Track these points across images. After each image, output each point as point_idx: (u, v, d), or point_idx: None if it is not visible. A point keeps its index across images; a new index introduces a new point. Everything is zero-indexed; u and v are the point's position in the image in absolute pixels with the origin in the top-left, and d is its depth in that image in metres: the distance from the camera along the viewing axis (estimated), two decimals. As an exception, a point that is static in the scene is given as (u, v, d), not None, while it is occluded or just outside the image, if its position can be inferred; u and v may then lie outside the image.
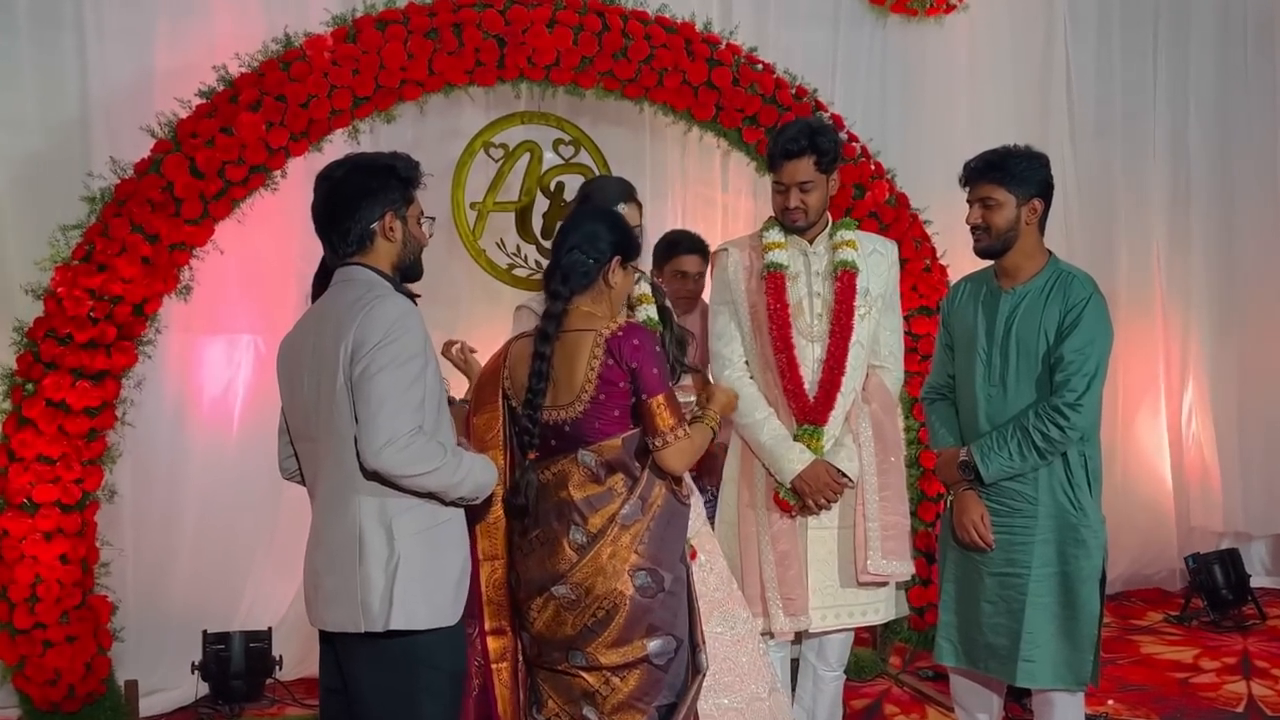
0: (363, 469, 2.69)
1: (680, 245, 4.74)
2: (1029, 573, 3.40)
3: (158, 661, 4.79)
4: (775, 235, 3.74)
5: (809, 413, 3.65)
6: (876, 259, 3.79)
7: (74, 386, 4.29)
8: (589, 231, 3.02)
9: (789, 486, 3.63)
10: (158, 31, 4.84)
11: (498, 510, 3.03)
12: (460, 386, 3.31)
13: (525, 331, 3.10)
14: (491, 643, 3.06)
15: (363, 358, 2.66)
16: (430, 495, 2.76)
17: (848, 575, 3.70)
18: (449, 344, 3.37)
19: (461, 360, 3.35)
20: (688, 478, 3.43)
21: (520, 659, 3.11)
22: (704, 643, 3.12)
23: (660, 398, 2.93)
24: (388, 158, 2.92)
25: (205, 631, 4.69)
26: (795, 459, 3.62)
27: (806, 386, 3.66)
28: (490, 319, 4.91)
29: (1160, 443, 6.58)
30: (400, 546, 2.72)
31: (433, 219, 3.03)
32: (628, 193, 3.66)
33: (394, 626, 2.71)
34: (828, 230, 3.77)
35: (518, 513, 3.01)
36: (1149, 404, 6.55)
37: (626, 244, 3.06)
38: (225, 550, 4.99)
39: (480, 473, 2.84)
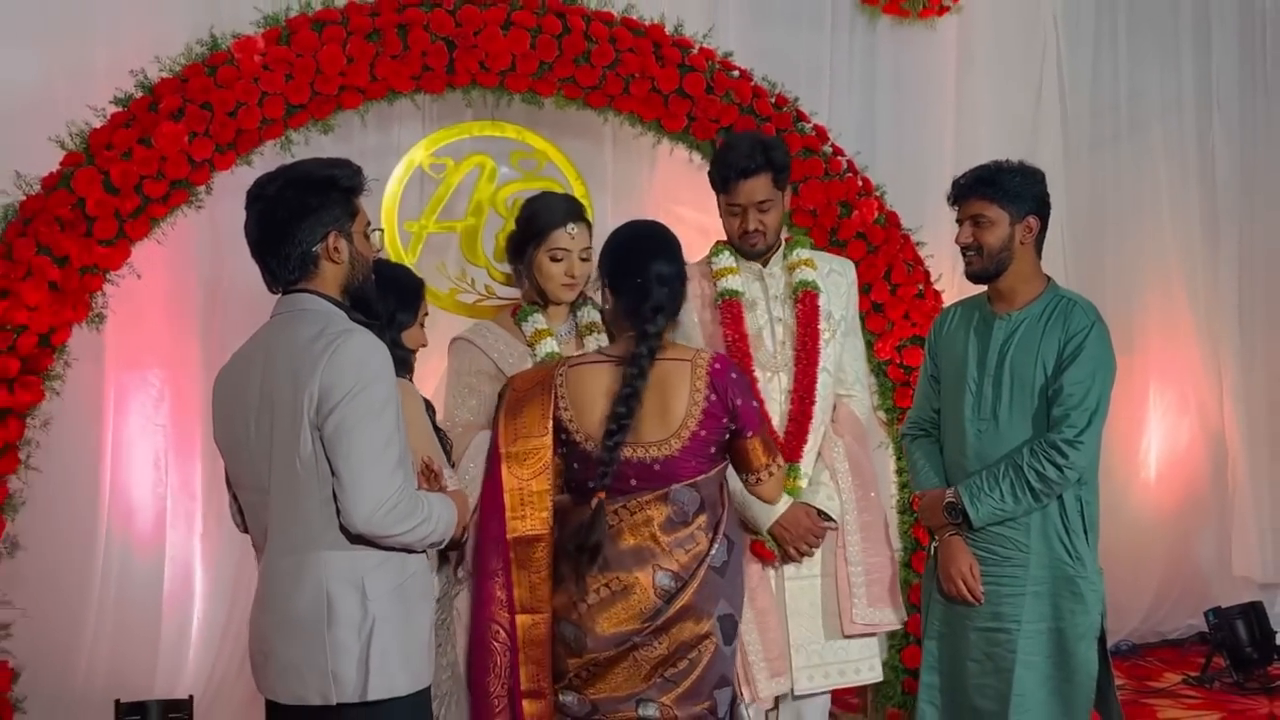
0: (343, 530, 2.58)
1: None
2: (1019, 628, 3.33)
3: None
4: (726, 260, 3.72)
5: (781, 450, 3.50)
6: (835, 279, 3.77)
7: None
8: (672, 261, 3.10)
9: (768, 533, 3.54)
10: (68, 32, 4.71)
11: (541, 555, 2.99)
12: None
13: (582, 356, 3.12)
14: (528, 706, 3.01)
15: (334, 409, 2.55)
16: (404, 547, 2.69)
17: (832, 628, 3.61)
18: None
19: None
20: None
21: None
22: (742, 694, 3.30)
23: (759, 435, 3.06)
24: (325, 167, 2.78)
25: (118, 701, 4.46)
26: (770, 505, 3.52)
27: (775, 421, 3.58)
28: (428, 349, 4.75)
29: (1176, 483, 6.49)
30: (374, 608, 2.61)
31: (380, 230, 2.99)
32: (576, 212, 3.58)
33: (372, 697, 2.60)
34: (782, 251, 3.74)
35: (590, 558, 2.95)
36: (1161, 440, 6.46)
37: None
38: (142, 610, 4.82)
39: (444, 511, 2.75)
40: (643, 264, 3.04)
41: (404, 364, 3.24)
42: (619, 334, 3.07)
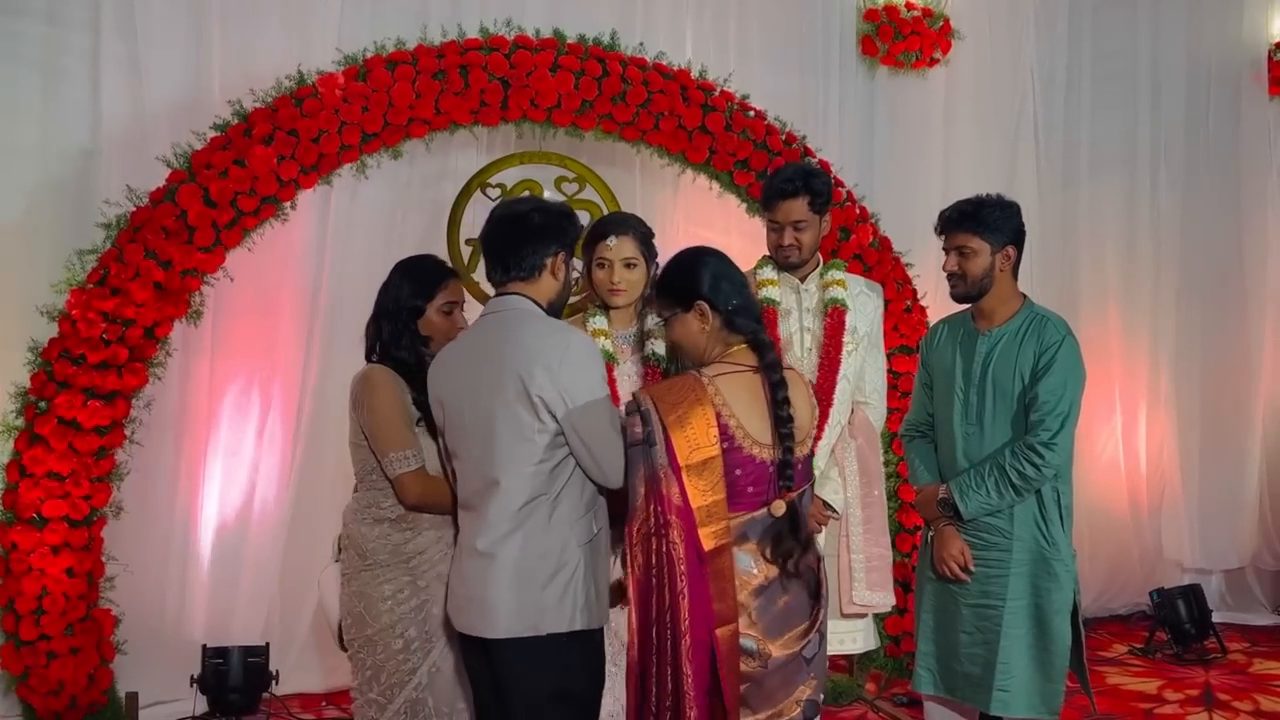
0: (546, 495, 2.85)
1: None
2: (1004, 604, 3.45)
3: (158, 674, 4.83)
4: (768, 273, 3.86)
5: None
6: (864, 299, 3.90)
7: (85, 405, 4.38)
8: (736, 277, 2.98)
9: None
10: (172, 64, 4.93)
11: (728, 565, 2.75)
12: None
13: (716, 368, 2.87)
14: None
15: (577, 406, 2.82)
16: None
17: (830, 605, 3.66)
18: None
19: None
20: None
21: None
22: None
23: None
24: (568, 208, 3.13)
25: (204, 646, 4.77)
26: None
27: None
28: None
29: (1121, 478, 6.76)
30: (576, 556, 2.86)
31: (578, 268, 3.13)
32: (617, 225, 3.59)
33: (575, 628, 2.85)
34: (818, 270, 3.89)
35: (803, 550, 2.82)
36: (1107, 439, 6.72)
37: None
38: (225, 567, 5.05)
39: None
40: (740, 280, 2.96)
41: (411, 351, 3.20)
42: (716, 346, 2.90)
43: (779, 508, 2.79)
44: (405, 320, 3.24)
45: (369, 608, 3.20)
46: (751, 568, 2.77)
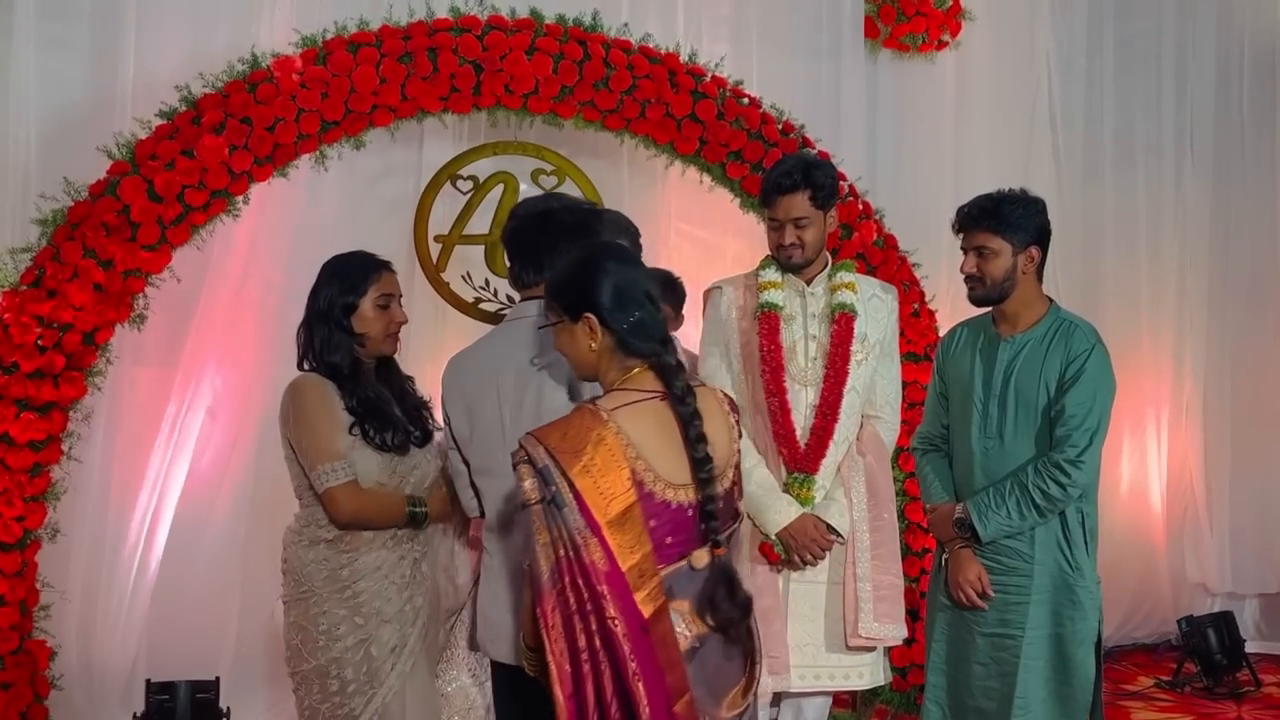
0: None
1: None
2: (1023, 634, 3.34)
3: (97, 712, 4.68)
4: (771, 274, 3.67)
5: (800, 460, 3.54)
6: (876, 304, 3.71)
7: (18, 418, 4.23)
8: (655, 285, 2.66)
9: (776, 537, 3.53)
10: (116, 48, 4.76)
11: (669, 628, 2.42)
12: None
13: (614, 398, 2.51)
14: None
15: None
16: None
17: (834, 636, 3.59)
18: None
19: None
20: None
21: None
22: None
23: None
24: (588, 205, 3.16)
25: (149, 681, 4.54)
26: (782, 511, 3.51)
27: (798, 433, 3.56)
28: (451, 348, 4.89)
29: (1149, 498, 6.58)
30: None
31: None
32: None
33: None
34: (826, 271, 3.70)
35: (730, 625, 2.51)
36: (1136, 456, 6.54)
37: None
38: (171, 595, 4.86)
39: None
40: (643, 292, 2.56)
41: (345, 353, 3.10)
42: (612, 369, 2.55)
43: (700, 558, 2.46)
44: (337, 320, 3.14)
45: (305, 640, 3.13)
46: (680, 627, 2.43)
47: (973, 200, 3.46)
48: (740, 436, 2.64)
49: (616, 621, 2.32)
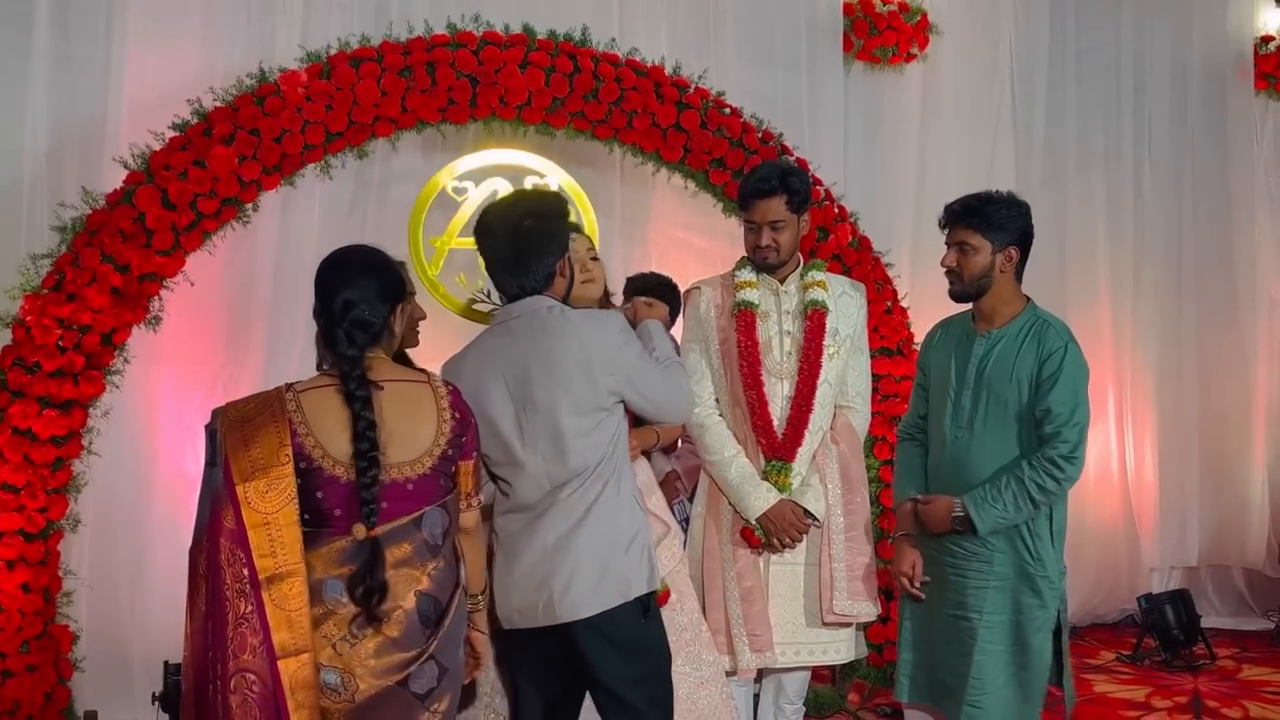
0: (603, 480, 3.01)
1: (643, 291, 4.73)
2: (980, 617, 3.37)
3: (118, 692, 4.72)
4: (747, 274, 3.77)
5: (777, 449, 3.67)
6: (846, 300, 3.82)
7: (40, 415, 4.27)
8: (364, 287, 2.71)
9: (756, 522, 3.64)
10: (129, 63, 4.82)
11: (298, 591, 2.55)
12: None
13: (313, 379, 2.72)
14: None
15: (619, 358, 3.01)
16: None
17: (812, 614, 3.69)
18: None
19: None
20: (666, 513, 3.53)
21: None
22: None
23: (474, 461, 2.83)
24: (556, 200, 3.25)
25: (166, 663, 4.54)
26: (761, 497, 3.63)
27: (775, 423, 3.67)
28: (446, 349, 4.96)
29: (1112, 484, 6.68)
30: (642, 515, 3.10)
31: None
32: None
33: (655, 586, 3.08)
34: (799, 270, 3.80)
35: (380, 598, 2.61)
36: (1099, 443, 6.61)
37: (398, 287, 2.82)
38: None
39: None
40: (344, 296, 2.68)
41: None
42: (326, 358, 2.74)
43: (359, 531, 2.62)
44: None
45: None
46: (342, 595, 2.61)
47: (961, 198, 3.50)
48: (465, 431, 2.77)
49: (239, 570, 2.53)
